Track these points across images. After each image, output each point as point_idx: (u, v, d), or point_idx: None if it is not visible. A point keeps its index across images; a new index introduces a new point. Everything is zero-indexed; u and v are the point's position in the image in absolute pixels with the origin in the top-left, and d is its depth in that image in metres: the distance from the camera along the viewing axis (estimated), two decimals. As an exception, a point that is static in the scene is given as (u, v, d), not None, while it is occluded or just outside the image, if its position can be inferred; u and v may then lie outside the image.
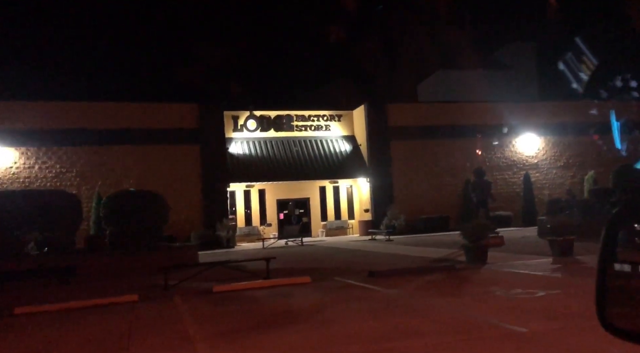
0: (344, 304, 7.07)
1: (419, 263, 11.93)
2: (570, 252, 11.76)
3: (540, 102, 32.15)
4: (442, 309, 6.35)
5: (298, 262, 14.28)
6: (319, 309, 6.76)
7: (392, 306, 6.71)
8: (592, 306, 1.37)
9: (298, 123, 29.00)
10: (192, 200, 25.16)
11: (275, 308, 7.07)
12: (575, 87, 37.47)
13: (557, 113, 31.20)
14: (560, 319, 5.46)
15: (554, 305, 6.25)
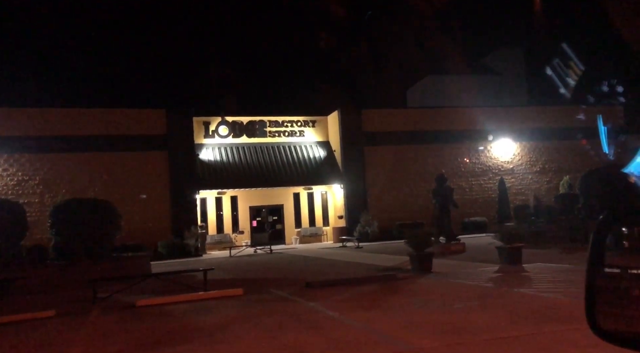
0: (256, 319, 6.75)
1: (365, 272, 11.62)
2: (518, 260, 11.50)
3: (516, 107, 32.06)
4: (348, 324, 6.04)
5: (249, 272, 13.94)
6: (225, 326, 6.43)
7: (301, 321, 6.39)
8: (493, 320, 1.16)
9: (271, 129, 28.69)
10: (160, 207, 24.74)
11: (184, 325, 6.73)
12: (562, 92, 37.55)
13: (533, 118, 31.13)
14: (457, 334, 5.19)
15: (462, 318, 5.98)
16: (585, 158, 30.13)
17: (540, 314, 5.94)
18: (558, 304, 6.55)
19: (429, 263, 11.13)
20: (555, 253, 13.99)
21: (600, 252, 1.30)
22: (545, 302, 6.74)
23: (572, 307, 6.32)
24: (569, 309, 6.21)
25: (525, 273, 10.01)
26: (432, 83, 41.13)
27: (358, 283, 9.73)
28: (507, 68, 43.31)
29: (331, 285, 9.68)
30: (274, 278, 11.94)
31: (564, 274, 9.52)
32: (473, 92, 39.20)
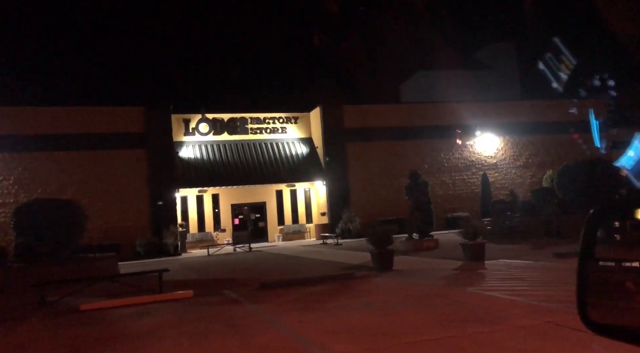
0: (188, 324, 6.56)
1: (328, 271, 11.44)
2: (481, 256, 11.35)
3: (499, 102, 31.86)
4: (277, 329, 5.87)
5: (216, 272, 13.75)
6: (153, 331, 6.25)
7: (231, 326, 6.21)
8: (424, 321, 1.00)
9: (253, 126, 28.43)
10: (139, 206, 24.50)
11: (114, 330, 6.55)
12: (555, 86, 37.49)
13: (517, 112, 30.98)
14: (379, 338, 5.03)
15: (395, 320, 5.84)
16: (569, 152, 30.01)
17: (474, 314, 5.78)
18: (497, 303, 6.38)
19: (390, 261, 10.95)
20: (525, 248, 13.85)
21: (591, 245, 1.30)
22: (485, 302, 6.57)
23: (508, 306, 6.16)
24: (504, 309, 6.05)
25: (483, 270, 9.86)
26: (424, 78, 40.89)
27: (313, 283, 9.55)
28: (500, 62, 43.10)
29: (286, 285, 9.50)
30: (236, 279, 11.75)
31: (521, 271, 9.36)
32: (465, 87, 39.01)
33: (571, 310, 4.93)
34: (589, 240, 1.32)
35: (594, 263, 1.31)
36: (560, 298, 6.42)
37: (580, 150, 28.99)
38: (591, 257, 1.31)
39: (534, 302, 6.29)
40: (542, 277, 8.57)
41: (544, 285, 7.67)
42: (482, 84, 39.82)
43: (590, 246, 1.32)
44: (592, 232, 1.32)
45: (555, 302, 6.19)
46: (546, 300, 6.30)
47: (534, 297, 6.61)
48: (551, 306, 5.99)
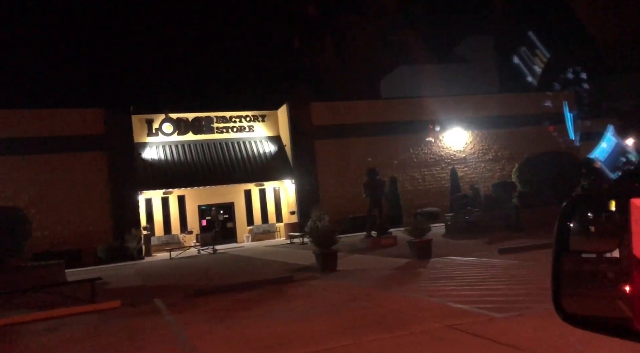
0: (92, 340, 6.21)
1: (274, 273, 11.11)
2: (427, 254, 11.13)
3: (469, 96, 31.81)
4: (175, 343, 5.54)
5: (163, 278, 13.34)
6: (52, 348, 5.88)
7: (133, 340, 5.87)
8: (327, 329, 0.78)
9: (219, 125, 27.95)
10: (100, 210, 23.91)
11: (11, 349, 6.14)
12: (530, 80, 37.63)
13: (485, 106, 30.93)
14: (273, 349, 4.72)
15: (298, 328, 5.56)
16: (539, 144, 30.01)
17: (384, 320, 5.52)
18: (414, 306, 6.13)
19: (333, 261, 10.67)
20: (479, 244, 13.67)
21: (565, 237, 1.32)
22: (404, 305, 6.31)
23: (423, 309, 5.91)
24: (417, 312, 5.79)
25: (422, 269, 9.63)
26: (404, 73, 40.76)
27: (250, 287, 9.24)
28: (478, 56, 43.13)
29: (222, 291, 9.17)
30: (179, 285, 11.36)
31: (459, 269, 9.14)
32: (445, 81, 39.05)
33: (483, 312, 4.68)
34: (563, 231, 1.32)
35: (568, 255, 1.31)
36: (479, 299, 6.19)
37: (552, 142, 29.07)
38: (565, 248, 1.31)
39: (450, 303, 6.04)
40: (477, 274, 8.35)
41: (473, 284, 7.45)
42: (461, 78, 39.87)
43: (564, 237, 1.32)
44: (566, 223, 1.33)
45: (471, 303, 5.95)
46: (464, 301, 6.06)
47: (454, 298, 6.36)
48: (465, 308, 5.74)
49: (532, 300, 5.79)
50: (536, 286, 6.54)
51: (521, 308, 5.52)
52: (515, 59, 38.52)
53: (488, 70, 43.04)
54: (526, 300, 5.93)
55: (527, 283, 7.12)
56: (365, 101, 29.61)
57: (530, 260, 9.34)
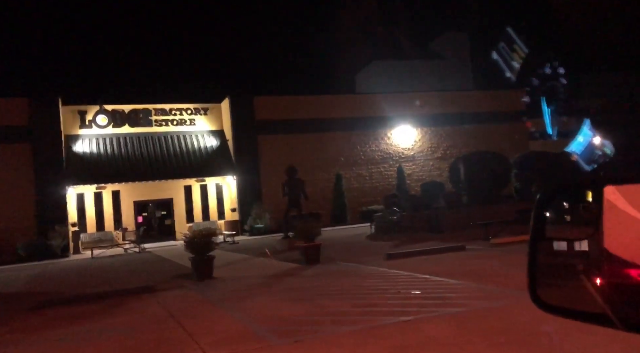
0: None
1: (152, 279, 10.29)
2: (316, 258, 10.42)
3: (417, 92, 31.23)
4: None
5: (45, 284, 12.38)
6: None
7: None
8: None
9: (158, 117, 26.88)
10: (23, 206, 22.72)
11: None
12: (508, 75, 37.27)
13: (435, 103, 30.40)
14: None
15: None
16: (491, 142, 29.68)
17: (151, 347, 4.74)
18: (210, 328, 5.37)
19: (209, 268, 9.88)
20: (389, 246, 13.01)
21: (541, 226, 1.34)
22: (201, 327, 5.56)
23: (209, 333, 5.14)
24: (200, 337, 5.03)
25: (291, 277, 8.93)
26: (378, 68, 40.09)
27: (97, 299, 8.42)
28: (453, 52, 42.72)
29: (62, 303, 8.32)
30: (45, 292, 10.46)
31: (325, 279, 8.43)
32: (418, 76, 38.55)
33: (268, 336, 3.86)
34: (539, 220, 1.34)
35: (543, 243, 1.33)
36: (287, 318, 5.46)
37: (502, 140, 28.73)
38: (541, 237, 1.33)
39: (253, 325, 5.31)
40: (329, 286, 7.65)
41: (307, 299, 6.75)
42: (434, 73, 39.44)
43: (540, 226, 1.34)
44: (542, 212, 1.35)
45: (275, 323, 5.22)
46: (270, 321, 5.33)
47: (265, 317, 5.64)
48: (259, 330, 5.01)
49: (334, 322, 5.09)
50: (358, 302, 5.86)
51: (315, 332, 4.83)
52: (494, 54, 38.21)
53: (463, 66, 42.62)
54: (333, 321, 5.23)
55: (358, 298, 6.45)
56: (311, 96, 28.81)
57: (403, 267, 8.69)
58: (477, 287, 6.59)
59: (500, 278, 7.01)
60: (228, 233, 23.12)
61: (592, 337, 3.68)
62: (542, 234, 1.32)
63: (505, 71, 37.42)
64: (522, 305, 5.02)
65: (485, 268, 8.18)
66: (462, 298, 5.93)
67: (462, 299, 5.89)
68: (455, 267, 8.48)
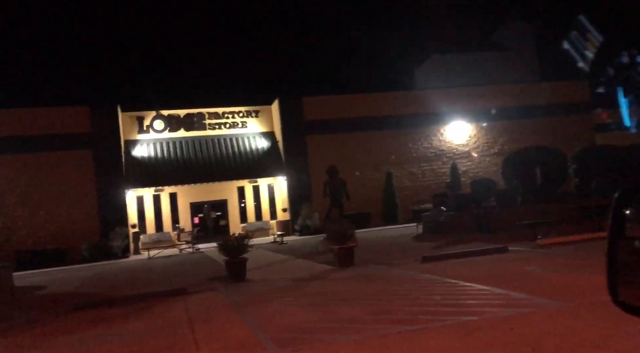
0: None
1: (190, 281, 10.51)
2: (349, 261, 10.24)
3: (472, 87, 30.15)
4: None
5: (98, 284, 12.96)
6: None
7: None
8: None
9: (211, 121, 27.62)
10: (87, 208, 24.02)
11: None
12: (580, 65, 35.54)
13: (492, 97, 29.27)
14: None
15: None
16: (549, 136, 28.23)
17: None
18: (207, 337, 5.35)
19: (242, 271, 9.94)
20: (430, 247, 12.58)
21: (620, 225, 1.30)
22: (201, 335, 5.55)
23: (207, 342, 5.13)
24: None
25: (320, 281, 8.79)
26: (438, 62, 39.27)
27: (133, 301, 8.70)
28: (517, 43, 41.06)
29: (100, 305, 8.66)
30: (90, 294, 10.95)
31: (352, 282, 8.23)
32: (480, 69, 37.43)
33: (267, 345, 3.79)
34: (618, 218, 1.31)
35: (624, 242, 1.29)
36: (295, 326, 5.35)
37: (564, 134, 27.20)
38: (621, 235, 1.30)
39: (256, 333, 5.24)
40: (353, 291, 7.45)
41: (323, 304, 6.58)
42: (497, 66, 38.06)
43: (619, 225, 1.30)
44: (621, 210, 1.32)
45: (279, 331, 5.12)
46: (277, 330, 5.24)
47: (273, 324, 5.55)
48: (259, 339, 4.93)
49: (339, 330, 4.94)
50: (372, 309, 5.65)
51: (316, 341, 4.69)
52: (565, 44, 36.41)
53: (529, 57, 40.67)
54: (339, 329, 5.06)
55: (374, 304, 6.23)
56: (360, 95, 28.51)
57: (435, 270, 8.34)
58: (502, 293, 6.19)
59: (531, 284, 6.56)
60: (277, 234, 23.31)
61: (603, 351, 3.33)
62: (622, 233, 1.29)
63: (578, 61, 35.44)
64: (539, 315, 4.64)
65: (521, 272, 7.69)
66: (480, 306, 5.58)
67: (480, 307, 5.54)
68: (489, 271, 8.04)
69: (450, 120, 28.42)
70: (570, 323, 4.55)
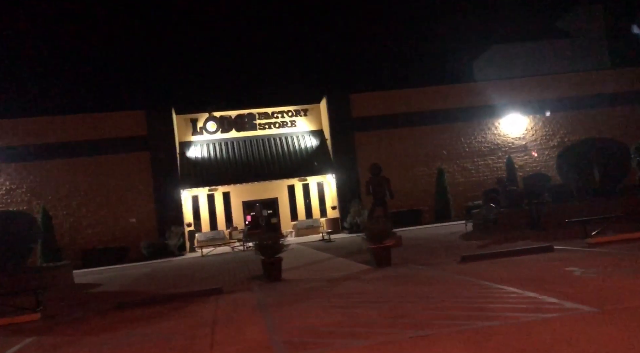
0: None
1: (229, 280, 10.72)
2: (387, 261, 10.07)
3: (528, 78, 28.87)
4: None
5: (152, 282, 13.46)
6: None
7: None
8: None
9: (261, 121, 28.06)
10: (145, 208, 25.07)
11: None
12: None
13: (551, 87, 27.91)
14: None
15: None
16: (614, 127, 26.63)
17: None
18: (223, 340, 5.41)
19: (277, 270, 10.02)
20: (476, 245, 12.16)
21: None
22: (217, 338, 5.61)
23: (213, 346, 5.18)
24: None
25: (353, 282, 8.66)
26: (499, 53, 38.22)
27: (172, 299, 8.98)
28: (584, 29, 39.10)
29: (140, 304, 8.97)
30: (138, 291, 11.40)
31: (385, 282, 8.07)
32: (543, 58, 36.08)
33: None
34: None
35: None
36: (313, 329, 5.32)
37: (629, 124, 25.49)
38: None
39: (273, 336, 5.24)
40: (383, 292, 7.30)
41: (348, 306, 6.49)
42: (563, 54, 36.50)
43: None
44: None
45: (299, 335, 5.11)
46: (295, 333, 5.23)
47: (288, 328, 5.54)
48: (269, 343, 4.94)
49: (353, 334, 4.85)
50: (391, 312, 5.52)
51: (326, 345, 4.65)
52: (635, 28, 34.31)
53: (597, 43, 38.48)
54: (353, 333, 4.98)
55: (396, 307, 6.08)
56: (409, 90, 27.99)
57: (471, 271, 8.04)
58: (532, 296, 5.87)
59: (566, 287, 6.17)
60: (325, 231, 23.35)
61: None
62: None
63: None
64: (563, 321, 4.36)
65: (560, 273, 7.26)
66: (505, 310, 5.31)
67: (504, 311, 5.28)
68: (527, 272, 7.65)
69: (506, 112, 27.33)
70: (592, 330, 4.24)
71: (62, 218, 23.94)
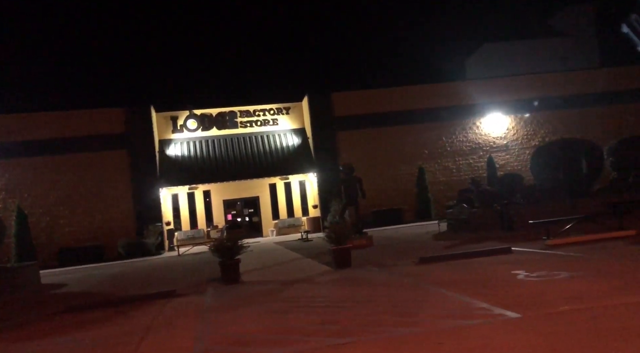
0: None
1: (189, 282, 10.60)
2: (346, 263, 9.99)
3: (510, 77, 28.87)
4: None
5: (115, 283, 13.32)
6: None
7: None
8: None
9: (242, 119, 27.88)
10: (124, 207, 24.87)
11: None
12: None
13: (528, 88, 27.90)
14: None
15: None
16: (595, 127, 26.67)
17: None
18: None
19: (235, 272, 9.91)
20: (445, 246, 12.09)
21: None
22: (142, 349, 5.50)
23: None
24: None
25: (306, 284, 8.58)
26: (490, 51, 38.18)
27: (122, 302, 8.85)
28: (576, 28, 39.15)
29: (97, 306, 8.83)
30: (94, 293, 11.25)
31: (334, 286, 7.99)
32: (534, 57, 36.04)
33: None
34: None
35: None
36: (236, 339, 5.22)
37: (624, 121, 25.53)
38: None
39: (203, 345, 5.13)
40: (327, 297, 7.21)
41: (283, 311, 6.39)
42: (554, 53, 36.51)
43: None
44: None
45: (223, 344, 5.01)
46: (220, 342, 5.12)
47: (219, 334, 5.43)
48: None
49: (275, 343, 4.76)
50: (321, 318, 5.43)
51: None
52: (624, 27, 34.33)
53: (587, 43, 38.55)
54: (275, 341, 4.89)
55: (329, 312, 6.00)
56: (391, 89, 27.89)
57: (423, 274, 7.97)
58: (466, 301, 5.79)
59: (502, 291, 6.11)
60: (304, 231, 23.25)
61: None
62: None
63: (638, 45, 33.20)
64: (483, 328, 4.29)
65: (504, 277, 7.20)
66: (433, 316, 5.23)
67: (431, 317, 5.20)
68: (476, 276, 7.58)
69: (488, 112, 27.33)
70: (508, 338, 4.17)
71: (39, 216, 23.69)
